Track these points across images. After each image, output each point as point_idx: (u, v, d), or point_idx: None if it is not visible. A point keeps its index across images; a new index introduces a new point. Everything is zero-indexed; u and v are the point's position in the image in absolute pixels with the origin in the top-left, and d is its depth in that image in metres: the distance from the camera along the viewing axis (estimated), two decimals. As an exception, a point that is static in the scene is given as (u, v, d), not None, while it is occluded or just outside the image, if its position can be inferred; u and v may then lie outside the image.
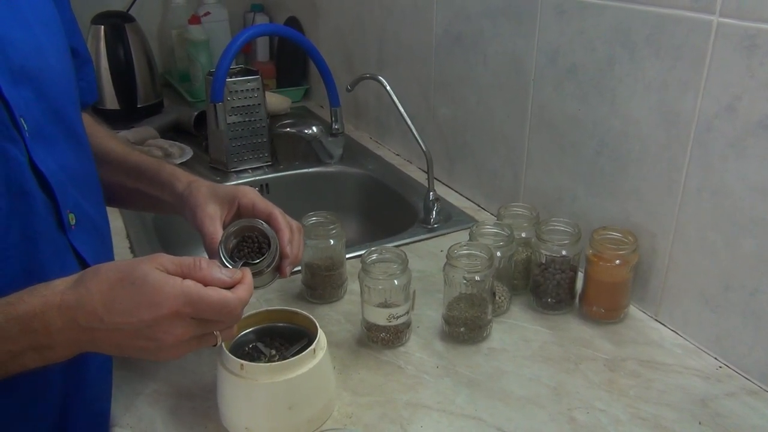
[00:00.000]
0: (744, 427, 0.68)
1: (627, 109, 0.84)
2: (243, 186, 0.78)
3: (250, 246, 0.76)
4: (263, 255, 0.72)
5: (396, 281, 0.77)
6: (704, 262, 0.78)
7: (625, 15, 0.81)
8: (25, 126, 0.57)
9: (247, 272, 0.62)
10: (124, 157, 0.81)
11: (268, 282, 0.77)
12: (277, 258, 0.73)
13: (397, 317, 0.78)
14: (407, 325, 0.81)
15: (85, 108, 0.75)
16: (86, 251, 0.64)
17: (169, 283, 0.54)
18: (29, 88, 0.59)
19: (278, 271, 0.74)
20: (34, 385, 0.61)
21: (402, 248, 0.83)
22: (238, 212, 0.76)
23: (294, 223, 0.76)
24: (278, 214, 0.74)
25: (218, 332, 0.60)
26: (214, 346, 0.61)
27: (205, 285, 0.56)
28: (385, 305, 0.78)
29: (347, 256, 0.94)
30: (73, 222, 0.63)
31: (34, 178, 0.58)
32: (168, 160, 1.38)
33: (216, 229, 0.72)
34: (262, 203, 0.75)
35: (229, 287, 0.58)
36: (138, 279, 0.53)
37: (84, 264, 0.64)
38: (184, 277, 0.56)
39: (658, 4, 0.77)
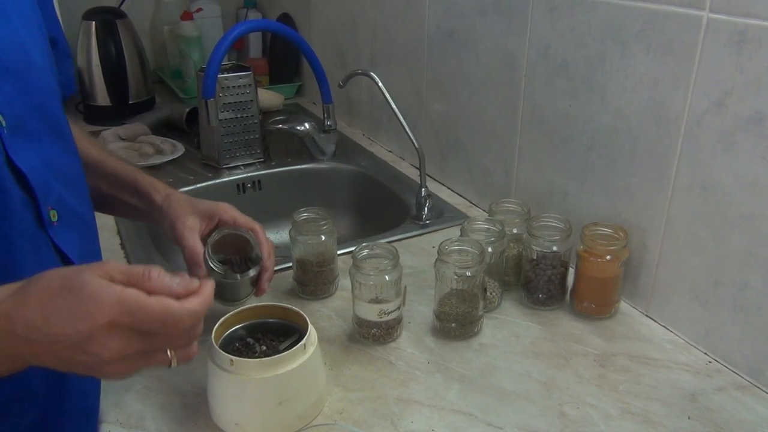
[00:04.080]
0: (732, 421, 0.68)
1: (617, 104, 0.84)
2: (222, 203, 0.80)
3: (234, 258, 0.79)
4: (248, 265, 0.76)
5: (387, 277, 0.77)
6: (694, 257, 0.78)
7: (616, 11, 0.81)
8: (3, 123, 0.57)
9: (207, 284, 0.54)
10: (101, 162, 0.81)
11: (244, 296, 0.79)
12: (258, 270, 0.76)
13: (388, 313, 0.78)
14: (398, 320, 0.81)
15: (64, 99, 0.75)
16: (69, 247, 0.63)
17: (107, 292, 0.49)
18: (10, 83, 0.58)
19: (255, 286, 0.78)
20: (12, 383, 0.61)
21: (394, 244, 0.83)
22: (217, 228, 0.78)
23: (270, 241, 0.79)
24: (259, 229, 0.78)
25: (172, 352, 0.54)
26: (169, 367, 0.55)
27: (150, 294, 0.50)
28: (376, 301, 0.78)
29: (339, 252, 0.94)
30: (54, 218, 0.62)
31: (11, 174, 0.57)
32: (160, 157, 1.38)
33: (195, 241, 0.75)
34: (243, 219, 0.78)
35: (182, 298, 0.52)
36: (76, 287, 0.49)
37: (66, 260, 0.64)
38: (129, 286, 0.50)
39: (648, 0, 0.77)
